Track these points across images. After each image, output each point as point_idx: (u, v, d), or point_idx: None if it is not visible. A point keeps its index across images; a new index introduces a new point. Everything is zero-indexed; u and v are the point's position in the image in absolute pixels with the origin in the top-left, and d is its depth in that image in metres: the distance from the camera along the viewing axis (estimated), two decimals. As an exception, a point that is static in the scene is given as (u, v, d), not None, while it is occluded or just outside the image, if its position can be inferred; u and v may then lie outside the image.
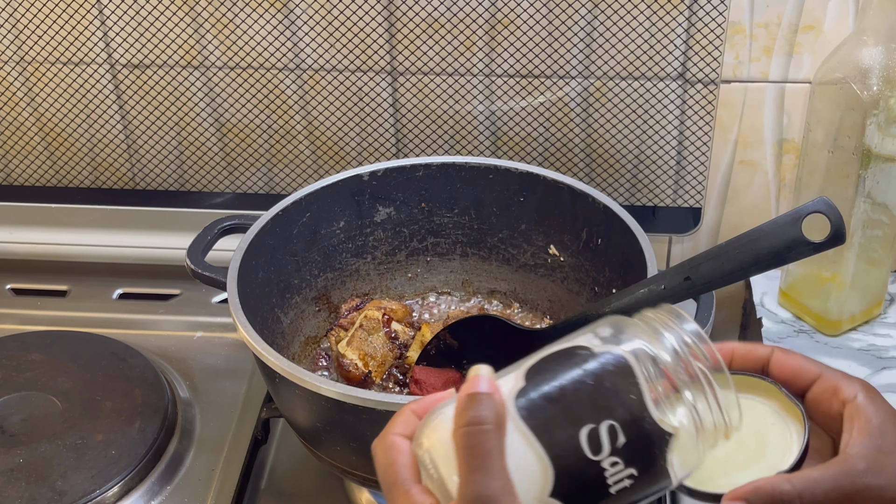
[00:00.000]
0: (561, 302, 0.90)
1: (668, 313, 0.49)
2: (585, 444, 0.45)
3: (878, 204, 0.86)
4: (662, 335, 0.47)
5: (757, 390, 0.54)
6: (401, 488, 0.46)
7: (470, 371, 0.47)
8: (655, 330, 0.48)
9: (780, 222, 0.62)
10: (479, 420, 0.44)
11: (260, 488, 0.85)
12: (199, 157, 1.05)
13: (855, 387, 0.52)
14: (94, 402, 0.88)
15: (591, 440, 0.45)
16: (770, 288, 0.98)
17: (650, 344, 0.47)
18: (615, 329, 0.48)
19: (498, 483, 0.43)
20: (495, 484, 0.43)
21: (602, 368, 0.46)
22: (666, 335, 0.47)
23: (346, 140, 1.02)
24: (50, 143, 1.06)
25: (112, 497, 0.81)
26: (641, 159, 0.98)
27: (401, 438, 0.47)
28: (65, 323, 1.00)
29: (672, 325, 0.48)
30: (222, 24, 0.96)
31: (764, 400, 0.54)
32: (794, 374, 0.54)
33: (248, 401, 0.91)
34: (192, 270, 0.81)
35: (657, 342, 0.47)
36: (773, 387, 0.54)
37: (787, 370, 0.54)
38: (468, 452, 0.44)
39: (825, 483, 0.48)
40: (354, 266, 0.91)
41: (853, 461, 0.49)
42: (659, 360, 0.47)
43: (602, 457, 0.45)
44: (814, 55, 0.92)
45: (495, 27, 0.93)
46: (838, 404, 0.52)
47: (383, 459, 0.47)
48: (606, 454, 0.45)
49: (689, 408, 0.46)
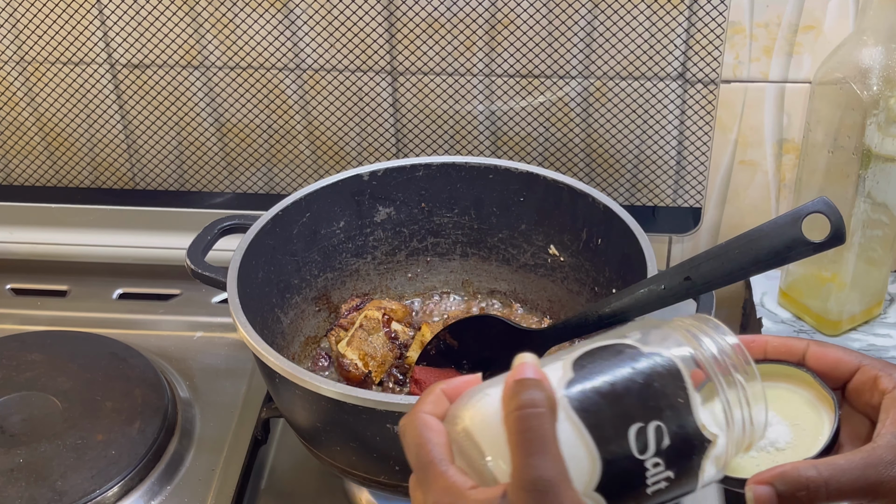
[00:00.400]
0: (561, 302, 0.90)
1: (706, 322, 0.49)
2: (633, 442, 0.45)
3: (878, 204, 0.86)
4: (703, 343, 0.48)
5: (792, 379, 0.55)
6: (436, 468, 0.45)
7: (515, 359, 0.46)
8: (696, 337, 0.48)
9: (780, 222, 0.62)
10: (532, 403, 0.44)
11: (260, 488, 0.85)
12: (199, 157, 1.05)
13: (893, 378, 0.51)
14: (94, 402, 0.88)
15: (639, 439, 0.45)
16: (770, 288, 0.98)
17: (693, 349, 0.48)
18: (658, 332, 0.49)
19: (556, 468, 0.43)
20: (553, 468, 0.43)
21: (651, 369, 0.47)
22: (707, 343, 0.48)
23: (346, 140, 1.02)
24: (50, 143, 1.06)
25: (112, 497, 0.81)
26: (641, 159, 0.98)
27: (433, 417, 0.47)
28: (65, 323, 1.00)
29: (712, 333, 0.49)
30: (222, 24, 0.96)
31: (798, 388, 0.55)
32: (833, 366, 0.54)
33: (248, 401, 0.91)
34: (192, 270, 0.81)
35: (699, 349, 0.48)
36: (808, 376, 0.54)
37: (826, 363, 0.54)
38: (524, 436, 0.43)
39: (852, 471, 0.48)
40: (354, 266, 0.91)
41: (881, 451, 0.49)
42: (704, 367, 0.47)
43: (647, 456, 0.45)
44: (814, 55, 0.92)
45: (495, 27, 0.93)
46: (878, 395, 0.52)
47: (416, 437, 0.46)
48: (651, 454, 0.45)
49: (726, 417, 0.47)
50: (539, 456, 0.43)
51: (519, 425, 0.43)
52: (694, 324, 0.49)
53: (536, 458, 0.43)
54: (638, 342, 0.48)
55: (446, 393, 0.48)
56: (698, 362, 0.47)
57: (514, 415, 0.44)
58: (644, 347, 0.48)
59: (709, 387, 0.47)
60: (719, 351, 0.48)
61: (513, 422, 0.44)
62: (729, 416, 0.47)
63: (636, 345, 0.48)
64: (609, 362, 0.47)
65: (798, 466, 0.48)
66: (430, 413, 0.47)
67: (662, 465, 0.46)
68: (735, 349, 0.48)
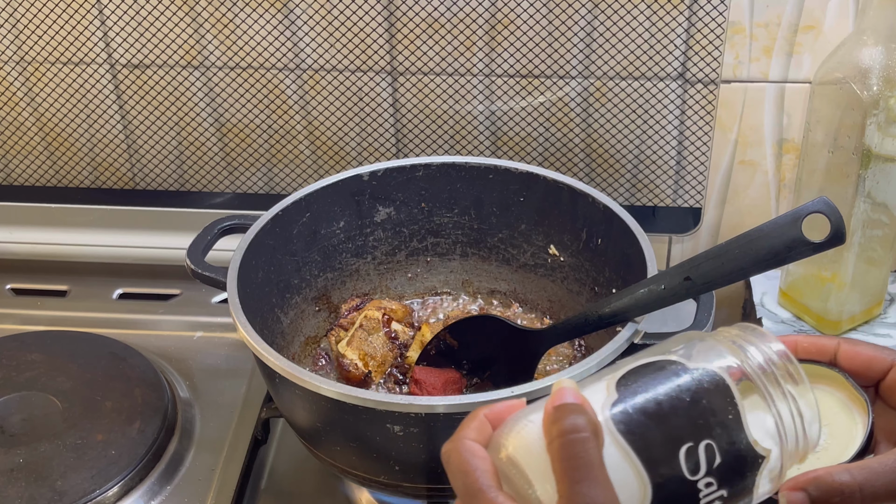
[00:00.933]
0: (561, 302, 0.90)
1: (751, 332, 0.48)
2: (684, 463, 0.44)
3: (878, 204, 0.86)
4: (749, 353, 0.47)
5: (824, 379, 0.54)
6: (485, 495, 0.44)
7: (553, 385, 0.46)
8: (742, 348, 0.47)
9: (780, 222, 0.62)
10: (575, 428, 0.43)
11: (260, 488, 0.85)
12: (199, 157, 1.05)
13: None
14: (94, 402, 0.88)
15: (690, 459, 0.44)
16: (770, 288, 0.98)
17: (739, 360, 0.47)
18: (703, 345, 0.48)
19: (604, 494, 0.42)
20: (602, 494, 0.42)
21: (699, 385, 0.45)
22: (753, 353, 0.47)
23: (346, 140, 1.02)
24: (50, 143, 1.06)
25: (112, 497, 0.81)
26: (641, 159, 0.98)
27: (477, 444, 0.46)
28: (65, 323, 1.00)
29: (757, 342, 0.47)
30: (222, 24, 0.96)
31: (830, 389, 0.54)
32: (866, 365, 0.53)
33: (248, 401, 0.91)
34: (192, 270, 0.81)
35: (746, 360, 0.47)
36: (840, 376, 0.53)
37: (859, 362, 0.53)
38: (570, 463, 0.42)
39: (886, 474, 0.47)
40: (354, 266, 0.91)
41: None
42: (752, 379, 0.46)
43: (699, 477, 0.44)
44: (814, 55, 0.92)
45: (495, 27, 0.93)
46: None
47: (461, 465, 0.45)
48: (703, 474, 0.44)
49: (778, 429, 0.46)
50: (586, 483, 0.42)
51: (563, 452, 0.43)
52: (739, 334, 0.48)
53: (584, 486, 0.42)
54: (682, 357, 0.47)
55: (489, 418, 0.47)
56: (746, 374, 0.46)
57: (558, 442, 0.43)
58: (689, 363, 0.46)
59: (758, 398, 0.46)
60: (766, 360, 0.46)
61: (556, 449, 0.43)
62: (781, 429, 0.46)
63: (681, 360, 0.47)
64: (654, 380, 0.46)
65: (832, 471, 0.48)
66: (474, 440, 0.46)
67: (715, 485, 0.44)
68: (782, 357, 0.47)
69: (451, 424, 0.66)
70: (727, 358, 0.47)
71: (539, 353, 0.80)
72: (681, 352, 0.47)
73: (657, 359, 0.47)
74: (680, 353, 0.47)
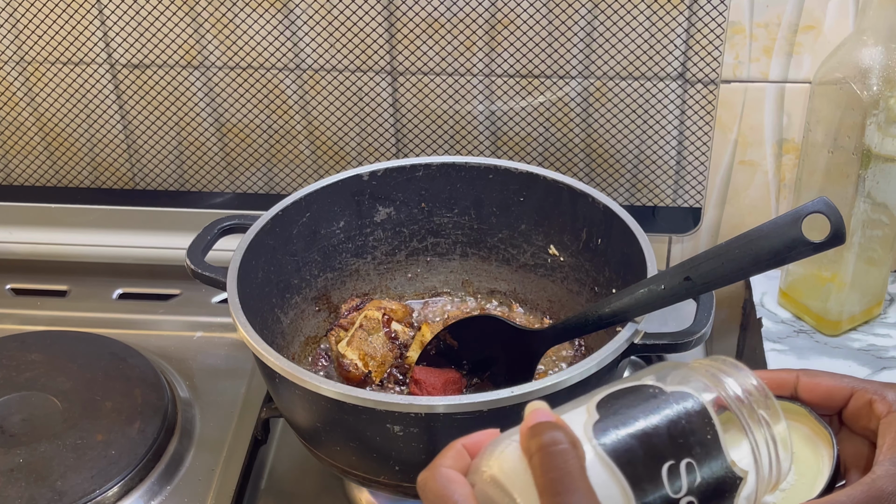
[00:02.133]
0: (561, 302, 0.90)
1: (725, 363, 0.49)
2: (667, 481, 0.45)
3: (878, 204, 0.86)
4: (726, 382, 0.48)
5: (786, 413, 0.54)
6: None
7: (526, 408, 0.46)
8: (718, 377, 0.48)
9: (780, 222, 0.62)
10: (554, 440, 0.43)
11: (260, 488, 0.85)
12: (199, 157, 1.05)
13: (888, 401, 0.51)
14: (94, 402, 0.88)
15: (672, 477, 0.45)
16: (770, 288, 0.98)
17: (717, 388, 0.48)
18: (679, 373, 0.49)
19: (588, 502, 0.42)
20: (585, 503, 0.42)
21: (677, 406, 0.47)
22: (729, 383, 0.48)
23: (346, 140, 1.02)
24: (50, 143, 1.06)
25: (112, 497, 0.81)
26: (641, 159, 0.98)
27: (454, 471, 0.46)
28: (65, 323, 1.00)
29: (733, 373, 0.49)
30: (222, 24, 0.96)
31: (794, 424, 0.54)
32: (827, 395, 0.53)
33: (248, 401, 0.91)
34: (192, 270, 0.81)
35: (723, 388, 0.48)
36: (802, 409, 0.54)
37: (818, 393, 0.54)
38: (552, 475, 0.43)
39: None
40: (354, 266, 0.91)
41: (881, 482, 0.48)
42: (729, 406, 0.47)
43: (680, 495, 0.45)
44: (814, 55, 0.92)
45: (495, 27, 0.93)
46: (875, 420, 0.51)
47: (438, 491, 0.45)
48: (684, 492, 0.45)
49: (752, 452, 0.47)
50: (569, 494, 0.42)
51: (544, 465, 0.43)
52: (713, 364, 0.49)
53: (567, 497, 0.42)
54: (659, 382, 0.48)
55: (466, 447, 0.48)
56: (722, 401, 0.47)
57: (538, 456, 0.43)
58: (667, 387, 0.48)
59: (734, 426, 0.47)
60: (743, 391, 0.48)
61: (537, 463, 0.43)
62: (757, 455, 0.47)
63: (658, 384, 0.48)
64: (633, 402, 0.47)
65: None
66: (451, 467, 0.46)
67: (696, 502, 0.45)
68: (758, 389, 0.48)
69: (451, 424, 0.67)
70: (704, 384, 0.48)
71: (539, 353, 0.79)
72: (657, 378, 0.49)
73: (634, 384, 0.48)
74: (656, 379, 0.49)
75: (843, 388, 0.53)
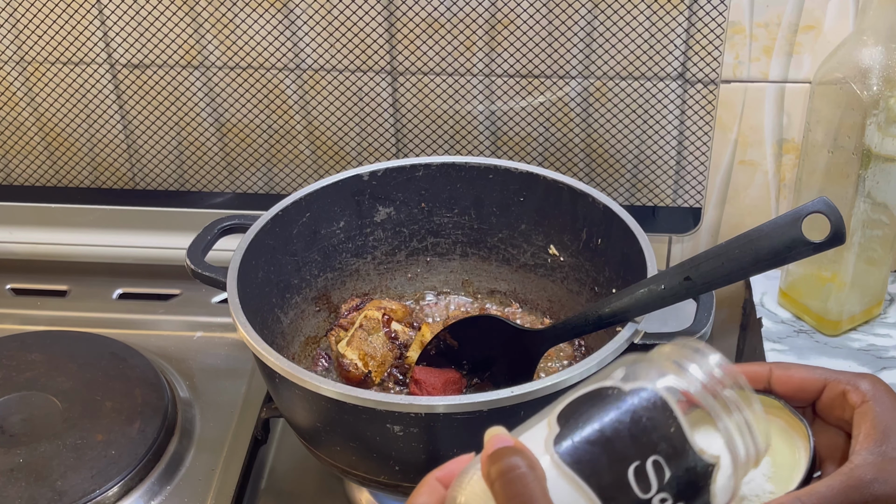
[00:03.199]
0: (561, 302, 0.90)
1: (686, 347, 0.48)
2: (634, 483, 0.44)
3: (878, 204, 0.86)
4: (687, 368, 0.47)
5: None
6: None
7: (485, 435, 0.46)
8: (678, 364, 0.47)
9: (780, 222, 0.62)
10: (510, 467, 0.43)
11: (260, 488, 0.85)
12: (199, 157, 1.05)
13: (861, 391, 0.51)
14: (94, 402, 0.88)
15: (639, 478, 0.44)
16: (770, 288, 0.98)
17: (678, 377, 0.47)
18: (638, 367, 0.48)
19: None
20: None
21: (638, 405, 0.46)
22: (691, 368, 0.47)
23: (346, 140, 1.02)
24: (50, 143, 1.06)
25: (112, 497, 0.81)
26: (641, 159, 0.98)
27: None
28: (65, 323, 1.00)
29: (694, 357, 0.48)
30: (222, 24, 0.96)
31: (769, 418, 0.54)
32: (799, 387, 0.53)
33: (248, 401, 0.91)
34: (192, 270, 0.81)
35: (684, 375, 0.47)
36: (777, 402, 0.54)
37: (791, 386, 0.54)
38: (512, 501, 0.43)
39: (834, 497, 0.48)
40: (354, 266, 0.91)
41: (860, 472, 0.48)
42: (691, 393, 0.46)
43: (651, 494, 0.44)
44: (814, 55, 0.92)
45: (495, 27, 0.93)
46: (849, 410, 0.51)
47: None
48: (655, 490, 0.44)
49: (724, 437, 0.46)
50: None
51: (504, 492, 0.43)
52: (674, 350, 0.48)
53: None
54: (619, 382, 0.47)
55: (440, 480, 0.48)
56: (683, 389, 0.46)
57: (498, 483, 0.43)
58: (626, 385, 0.47)
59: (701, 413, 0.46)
60: (705, 374, 0.47)
61: (499, 490, 0.43)
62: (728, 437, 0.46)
63: (617, 385, 0.47)
64: (593, 408, 0.46)
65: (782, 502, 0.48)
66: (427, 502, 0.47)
67: (670, 499, 0.45)
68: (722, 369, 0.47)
69: (451, 424, 0.67)
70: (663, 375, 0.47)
71: (539, 353, 0.79)
72: (619, 376, 0.48)
73: (594, 387, 0.48)
74: (617, 378, 0.48)
75: (816, 379, 0.53)
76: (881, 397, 0.51)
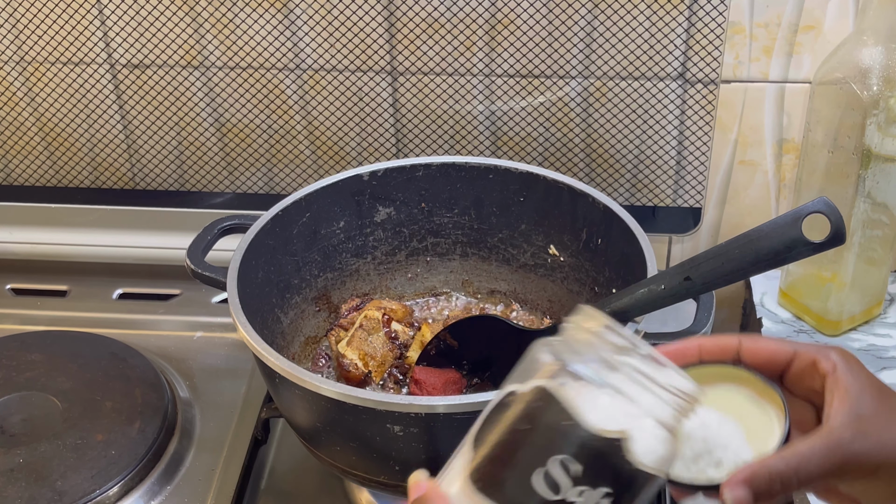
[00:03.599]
0: (561, 302, 0.90)
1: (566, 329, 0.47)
2: (543, 488, 0.44)
3: (878, 204, 0.86)
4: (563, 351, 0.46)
5: (733, 379, 0.54)
6: None
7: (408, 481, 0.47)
8: (568, 344, 0.46)
9: (780, 222, 0.62)
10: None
11: (260, 488, 0.85)
12: (199, 157, 1.05)
13: (831, 359, 0.52)
14: (94, 402, 0.88)
15: (548, 482, 0.44)
16: (770, 288, 0.98)
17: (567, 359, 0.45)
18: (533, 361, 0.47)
19: None
20: None
21: (529, 407, 0.45)
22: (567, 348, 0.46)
23: (346, 140, 1.02)
24: (50, 143, 1.06)
25: (112, 497, 0.81)
26: (641, 159, 0.98)
27: None
28: (65, 323, 1.00)
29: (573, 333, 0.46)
30: (222, 24, 0.96)
31: (740, 388, 0.54)
32: (769, 358, 0.54)
33: (248, 401, 0.91)
34: (192, 270, 0.81)
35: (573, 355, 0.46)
36: (748, 373, 0.54)
37: (761, 356, 0.54)
38: None
39: (816, 456, 0.49)
40: (354, 266, 0.91)
41: (839, 432, 0.49)
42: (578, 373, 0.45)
43: (564, 492, 0.44)
44: (814, 55, 0.92)
45: (495, 27, 0.93)
46: (819, 379, 0.52)
47: None
48: (569, 487, 0.44)
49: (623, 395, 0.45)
50: None
51: None
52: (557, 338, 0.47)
53: None
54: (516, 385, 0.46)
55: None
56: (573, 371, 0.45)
57: None
58: (521, 388, 0.46)
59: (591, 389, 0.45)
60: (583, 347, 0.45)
61: None
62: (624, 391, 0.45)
63: (514, 389, 0.46)
64: (496, 422, 0.46)
65: (766, 463, 0.49)
66: None
67: (589, 489, 0.44)
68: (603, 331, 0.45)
69: (451, 424, 0.67)
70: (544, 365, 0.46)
71: (539, 353, 0.79)
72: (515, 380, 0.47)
73: (499, 398, 0.47)
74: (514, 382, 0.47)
75: (785, 350, 0.54)
76: (851, 364, 0.52)
